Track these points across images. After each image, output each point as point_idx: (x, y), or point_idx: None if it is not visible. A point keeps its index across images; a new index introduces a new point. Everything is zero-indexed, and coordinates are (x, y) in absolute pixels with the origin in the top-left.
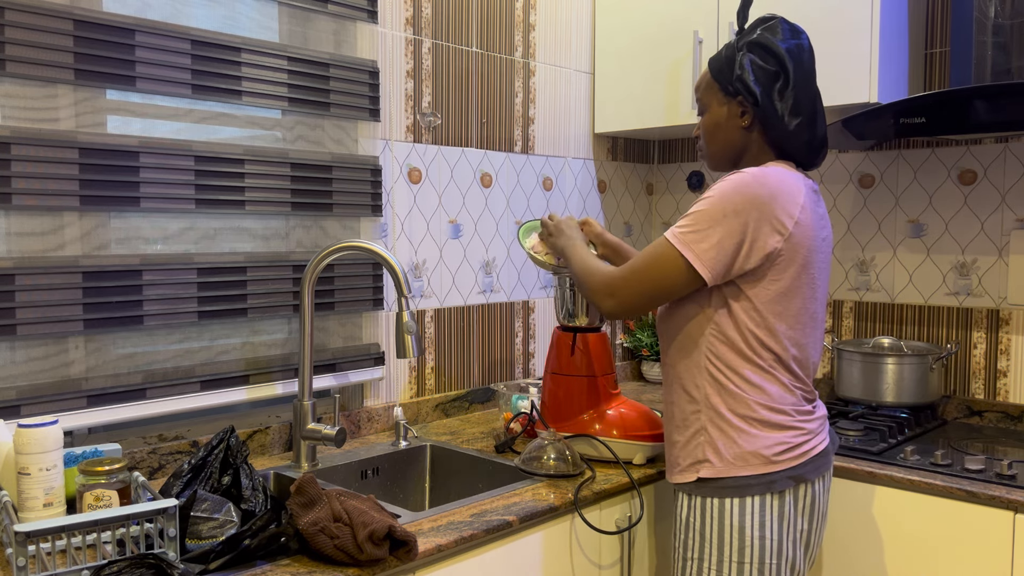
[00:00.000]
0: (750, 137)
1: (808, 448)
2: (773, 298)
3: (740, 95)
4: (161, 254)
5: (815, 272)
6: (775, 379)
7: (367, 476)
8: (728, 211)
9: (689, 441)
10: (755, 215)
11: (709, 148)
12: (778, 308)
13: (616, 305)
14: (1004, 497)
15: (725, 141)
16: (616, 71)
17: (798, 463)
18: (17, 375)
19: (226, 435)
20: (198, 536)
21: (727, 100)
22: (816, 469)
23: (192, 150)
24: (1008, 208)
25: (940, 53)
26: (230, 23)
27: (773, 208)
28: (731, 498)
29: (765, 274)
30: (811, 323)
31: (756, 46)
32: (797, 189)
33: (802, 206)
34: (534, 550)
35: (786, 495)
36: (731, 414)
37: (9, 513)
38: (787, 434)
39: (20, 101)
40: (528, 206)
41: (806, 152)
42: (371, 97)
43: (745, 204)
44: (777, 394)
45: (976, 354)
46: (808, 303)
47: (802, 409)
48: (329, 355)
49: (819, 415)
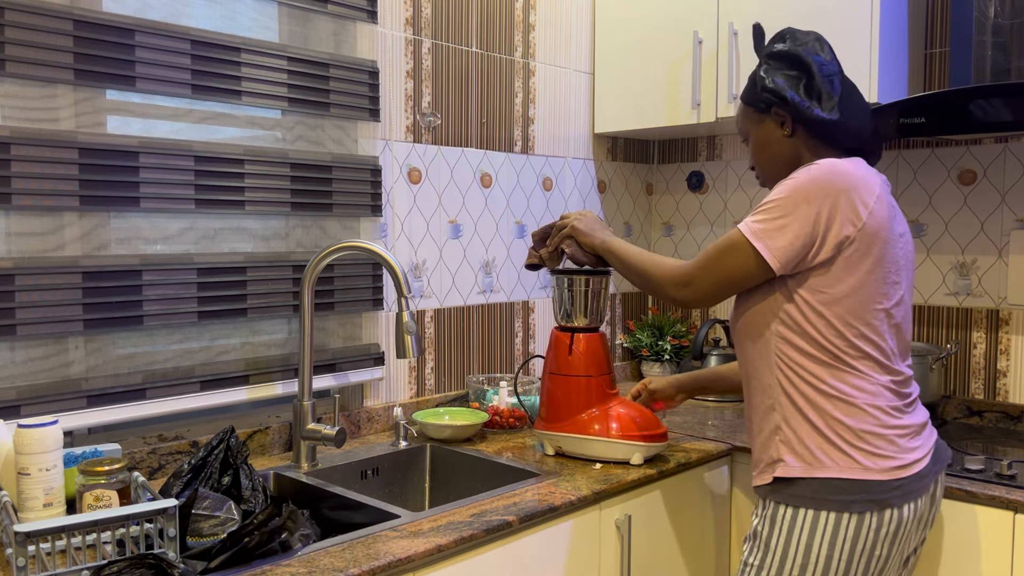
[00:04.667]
0: (797, 143)
1: (897, 464)
2: (847, 291)
3: (772, 105)
4: (161, 254)
5: (890, 267)
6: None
7: (367, 476)
8: (800, 200)
9: (768, 440)
10: (829, 203)
11: (763, 169)
12: (851, 302)
13: (691, 294)
14: (1004, 497)
15: (775, 156)
16: (616, 71)
17: (882, 479)
18: (17, 375)
19: (226, 435)
20: (199, 534)
21: (762, 118)
22: (906, 495)
23: (192, 150)
24: (1008, 208)
25: (940, 53)
26: (230, 23)
27: (849, 196)
28: (806, 509)
29: (837, 265)
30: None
31: (771, 57)
32: (872, 179)
33: (878, 196)
34: (534, 550)
35: (866, 518)
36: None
37: (9, 513)
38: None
39: (20, 101)
40: (528, 206)
41: (857, 139)
42: (371, 97)
43: (819, 192)
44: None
45: (976, 354)
46: (895, 293)
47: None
48: (329, 355)
49: (913, 421)
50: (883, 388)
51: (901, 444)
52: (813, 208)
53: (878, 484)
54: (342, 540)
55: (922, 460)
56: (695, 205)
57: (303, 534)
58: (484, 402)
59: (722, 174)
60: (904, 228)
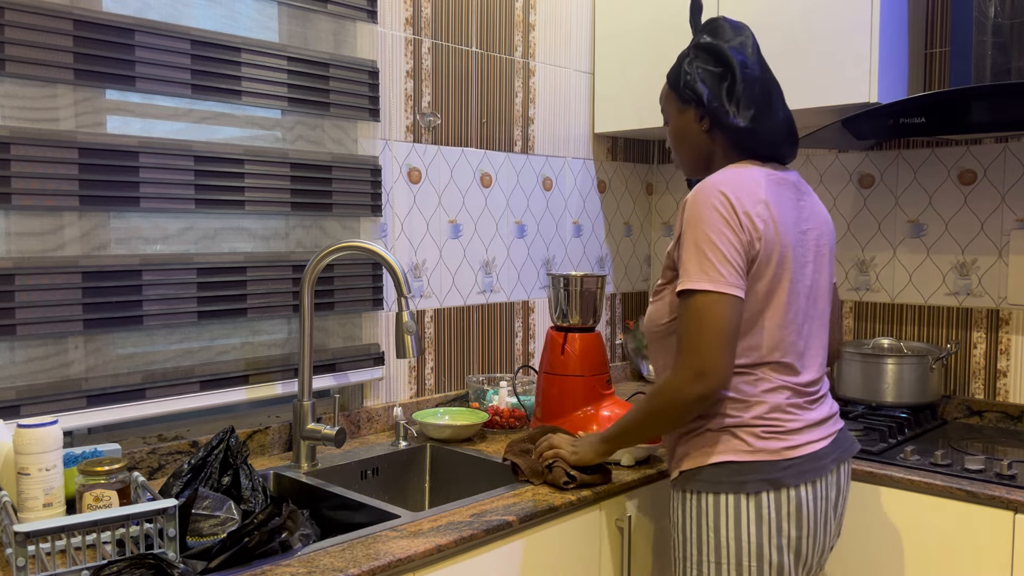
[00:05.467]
0: (713, 140)
1: (787, 445)
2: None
3: (692, 101)
4: (161, 254)
5: (795, 267)
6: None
7: (367, 476)
8: (711, 226)
9: (675, 438)
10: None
11: (678, 156)
12: (760, 306)
13: (709, 383)
14: (1004, 497)
15: (691, 147)
16: (616, 71)
17: (771, 459)
18: (17, 375)
19: (226, 435)
20: (199, 534)
21: (683, 107)
22: (800, 474)
23: (192, 150)
24: (1008, 208)
25: (940, 53)
26: (230, 23)
27: (742, 205)
28: (707, 494)
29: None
30: (799, 319)
31: (700, 49)
32: (755, 184)
33: (764, 201)
34: (534, 550)
35: (763, 498)
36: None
37: (9, 513)
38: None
39: (20, 101)
40: (528, 206)
41: (771, 146)
42: (371, 97)
43: (711, 215)
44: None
45: (976, 354)
46: (793, 299)
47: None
48: (329, 355)
49: (808, 417)
50: (780, 388)
51: (791, 428)
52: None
53: (769, 464)
54: (342, 540)
55: (816, 443)
56: None
57: (303, 534)
58: (484, 402)
59: None
60: (815, 224)
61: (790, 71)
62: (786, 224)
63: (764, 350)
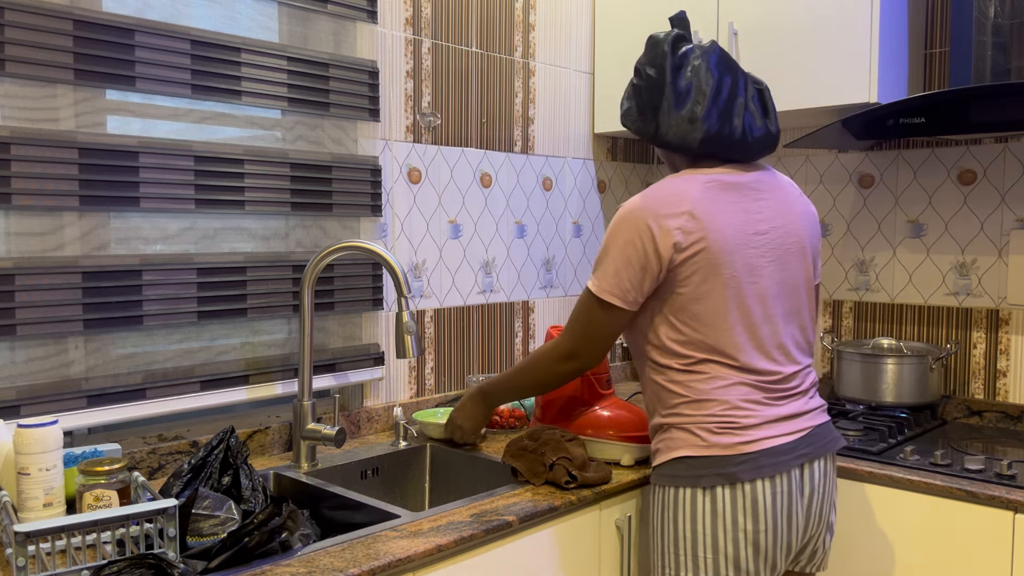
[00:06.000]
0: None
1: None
2: (689, 301)
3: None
4: (161, 254)
5: (740, 268)
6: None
7: (367, 476)
8: (617, 242)
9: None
10: (641, 233)
11: None
12: (697, 308)
13: (579, 364)
14: (1004, 497)
15: (662, 159)
16: (616, 71)
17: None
18: (17, 375)
19: (226, 435)
20: (199, 534)
21: None
22: (756, 469)
23: (192, 150)
24: (1008, 208)
25: (940, 53)
26: (230, 23)
27: (656, 221)
28: (667, 487)
29: (676, 281)
30: (752, 318)
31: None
32: (678, 197)
33: (688, 212)
34: (534, 550)
35: (718, 492)
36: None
37: (9, 513)
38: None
39: (20, 101)
40: (528, 206)
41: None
42: (371, 97)
43: (627, 227)
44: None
45: (976, 354)
46: (740, 299)
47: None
48: (329, 355)
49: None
50: (737, 384)
51: (746, 424)
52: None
53: (724, 459)
54: (342, 540)
55: (776, 438)
56: None
57: (303, 534)
58: None
59: None
60: (771, 224)
61: (790, 71)
62: (723, 229)
63: (707, 348)
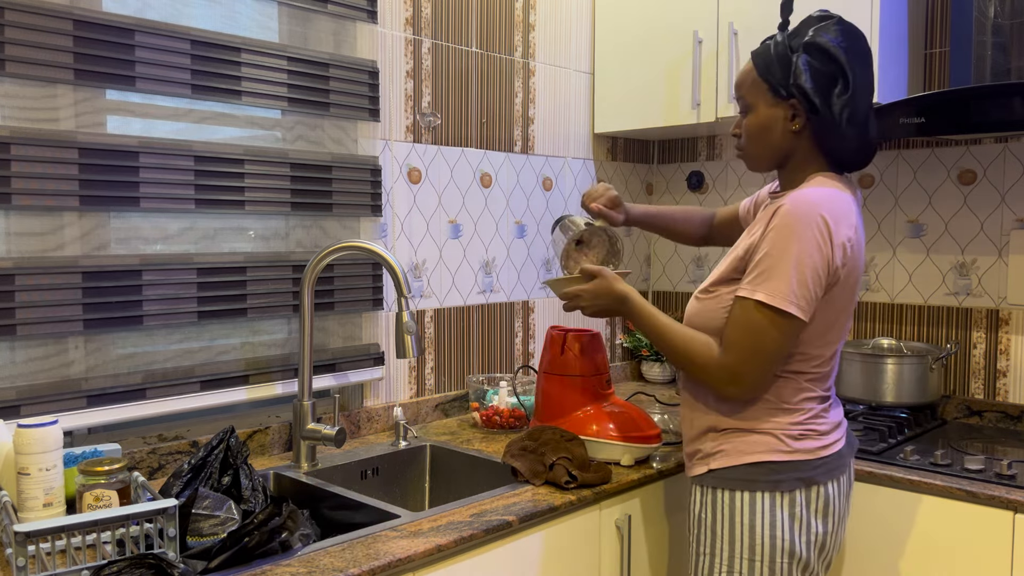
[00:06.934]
0: (798, 142)
1: (816, 446)
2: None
3: (794, 99)
4: (161, 254)
5: (859, 289)
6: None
7: (367, 476)
8: (795, 249)
9: (702, 435)
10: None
11: (752, 150)
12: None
13: (741, 391)
14: (1004, 497)
15: (771, 145)
16: (616, 71)
17: (806, 458)
18: (17, 375)
19: (226, 435)
20: (199, 534)
21: (777, 102)
22: (829, 472)
23: (192, 150)
24: (1008, 208)
25: (940, 53)
26: (230, 23)
27: (837, 233)
28: (741, 491)
29: None
30: (842, 333)
31: (813, 47)
32: (851, 209)
33: (855, 226)
34: (534, 550)
35: (797, 495)
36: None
37: (9, 513)
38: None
39: (20, 101)
40: (528, 206)
41: (856, 158)
42: (371, 97)
43: (808, 233)
44: (786, 394)
45: (976, 354)
46: (848, 319)
47: (813, 409)
48: (329, 355)
49: (832, 419)
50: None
51: (823, 431)
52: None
53: (804, 463)
54: (342, 540)
55: (839, 442)
56: (695, 205)
57: (303, 534)
58: (484, 402)
59: (722, 174)
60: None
61: None
62: (862, 248)
63: (815, 363)
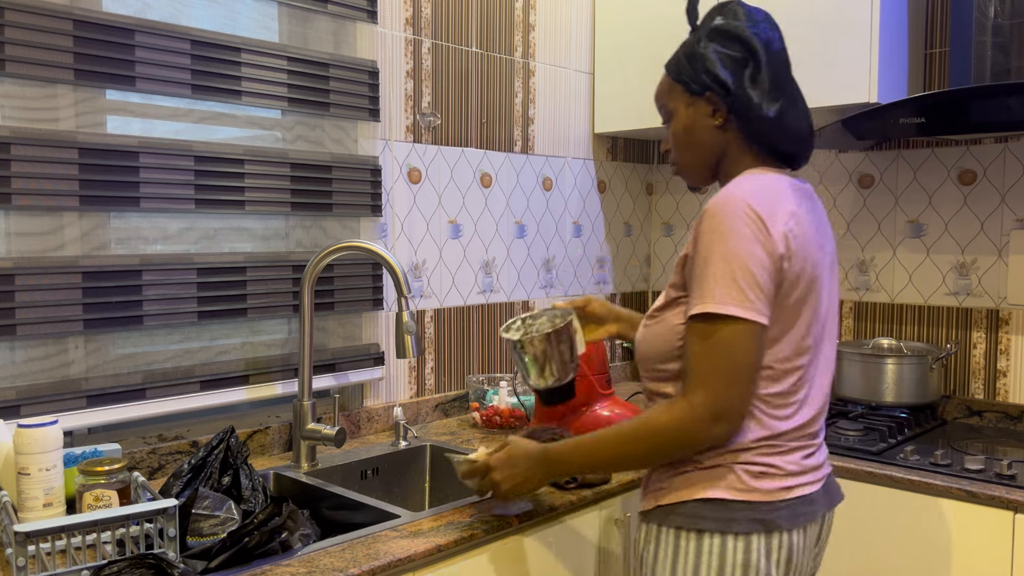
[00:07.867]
0: (726, 137)
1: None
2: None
3: (709, 90)
4: (161, 254)
5: (821, 295)
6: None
7: (367, 476)
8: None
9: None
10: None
11: (682, 158)
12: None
13: (729, 427)
14: (1004, 497)
15: (699, 146)
16: (616, 71)
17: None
18: (17, 375)
19: (226, 435)
20: (199, 534)
21: (694, 100)
22: (793, 518)
23: (192, 150)
24: (1008, 208)
25: (940, 53)
26: (230, 23)
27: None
28: (687, 531)
29: None
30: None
31: (717, 34)
32: (786, 196)
33: (795, 214)
34: (534, 550)
35: (753, 541)
36: None
37: (9, 513)
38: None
39: (20, 101)
40: (528, 206)
41: (794, 143)
42: (371, 97)
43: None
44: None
45: (976, 354)
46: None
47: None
48: (329, 355)
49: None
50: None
51: (790, 471)
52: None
53: (762, 505)
54: (342, 540)
55: (810, 485)
56: (695, 205)
57: (303, 534)
58: (484, 402)
59: None
60: (832, 245)
61: None
62: (811, 241)
63: (782, 385)
